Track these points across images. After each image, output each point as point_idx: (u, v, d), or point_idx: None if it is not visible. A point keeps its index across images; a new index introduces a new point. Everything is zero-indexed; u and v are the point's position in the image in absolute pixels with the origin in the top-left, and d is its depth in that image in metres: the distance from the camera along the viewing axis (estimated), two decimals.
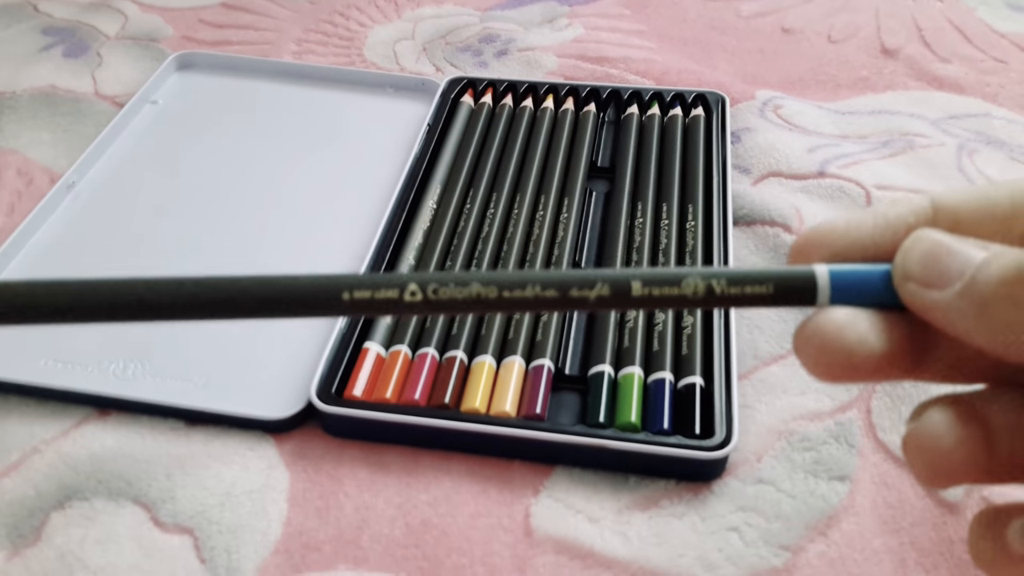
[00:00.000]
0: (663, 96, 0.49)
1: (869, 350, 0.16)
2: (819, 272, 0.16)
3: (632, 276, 0.16)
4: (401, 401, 0.34)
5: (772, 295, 0.16)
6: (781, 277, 0.16)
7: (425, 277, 0.16)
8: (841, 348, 0.16)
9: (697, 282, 0.16)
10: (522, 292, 0.16)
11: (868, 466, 0.33)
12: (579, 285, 0.16)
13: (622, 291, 0.16)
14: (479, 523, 0.31)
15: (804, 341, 0.16)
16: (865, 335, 0.16)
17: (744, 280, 0.16)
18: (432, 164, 0.45)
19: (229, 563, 0.30)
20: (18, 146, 0.48)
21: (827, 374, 0.16)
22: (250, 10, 0.60)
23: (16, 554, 0.31)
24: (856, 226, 0.17)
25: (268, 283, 0.16)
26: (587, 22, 0.59)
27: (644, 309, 0.17)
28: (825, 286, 0.16)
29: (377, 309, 0.16)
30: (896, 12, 0.60)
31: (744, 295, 0.16)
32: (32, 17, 0.59)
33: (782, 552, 0.30)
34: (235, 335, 0.37)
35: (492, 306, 0.16)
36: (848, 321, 0.16)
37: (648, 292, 0.16)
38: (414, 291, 0.16)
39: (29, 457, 0.33)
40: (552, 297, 0.16)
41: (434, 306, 0.16)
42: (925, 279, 0.15)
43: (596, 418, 0.33)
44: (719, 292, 0.16)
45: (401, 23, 0.59)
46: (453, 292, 0.16)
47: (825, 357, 0.16)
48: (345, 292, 0.16)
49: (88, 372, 0.36)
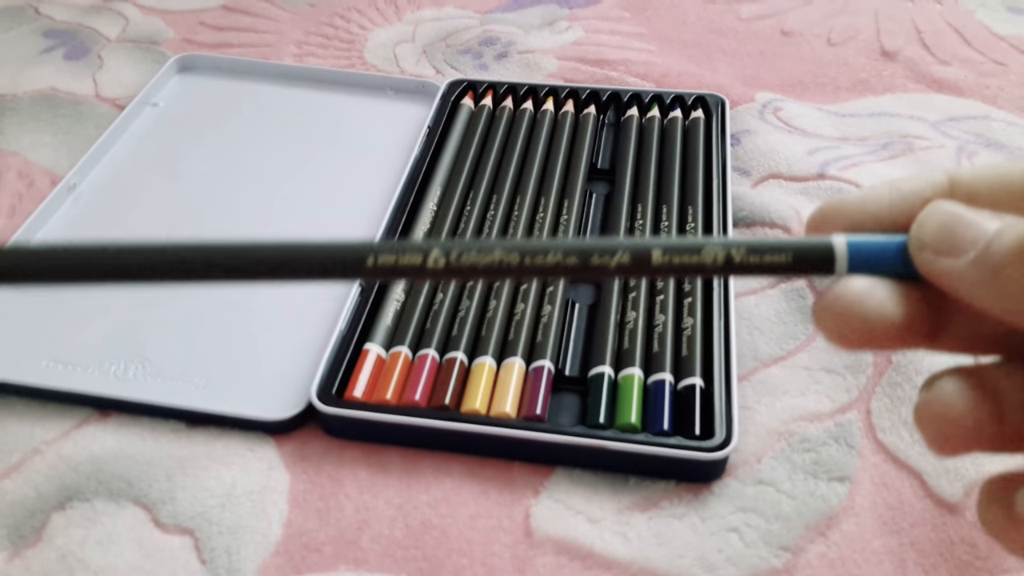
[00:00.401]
0: (663, 98, 0.49)
1: (887, 319, 0.16)
2: (837, 242, 0.17)
3: (652, 245, 0.17)
4: (401, 402, 0.34)
5: (790, 264, 0.17)
6: (800, 246, 0.17)
7: (448, 244, 0.17)
8: (860, 317, 0.16)
9: (717, 251, 0.16)
10: (544, 259, 0.16)
11: (868, 467, 0.33)
12: (600, 252, 0.17)
13: (642, 259, 0.17)
14: (479, 524, 0.31)
15: (824, 310, 0.16)
16: (883, 304, 0.16)
17: (763, 249, 0.17)
18: (432, 166, 0.45)
19: (229, 564, 0.30)
20: (19, 148, 0.49)
21: (846, 342, 0.16)
22: (251, 13, 0.61)
23: (17, 555, 0.31)
24: (872, 198, 0.17)
25: (292, 248, 0.17)
26: (587, 25, 0.59)
27: (664, 277, 0.17)
28: (843, 255, 0.17)
29: (400, 274, 0.17)
30: (895, 15, 0.60)
31: (763, 264, 0.17)
32: (33, 20, 0.59)
33: (782, 553, 0.30)
34: (235, 336, 0.37)
35: (514, 272, 0.17)
36: (867, 290, 0.16)
37: (668, 260, 0.16)
38: (437, 257, 0.16)
39: (30, 458, 0.33)
40: (573, 264, 0.16)
41: (456, 272, 0.17)
42: (940, 248, 0.16)
43: (596, 419, 0.33)
44: (738, 261, 0.16)
45: (401, 26, 0.59)
46: (476, 258, 0.16)
47: (844, 326, 0.16)
48: (370, 257, 0.16)
49: (89, 373, 0.36)
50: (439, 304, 0.38)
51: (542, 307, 0.38)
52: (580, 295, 0.39)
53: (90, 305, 0.39)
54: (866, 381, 0.36)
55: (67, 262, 0.16)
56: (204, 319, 0.38)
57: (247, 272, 0.17)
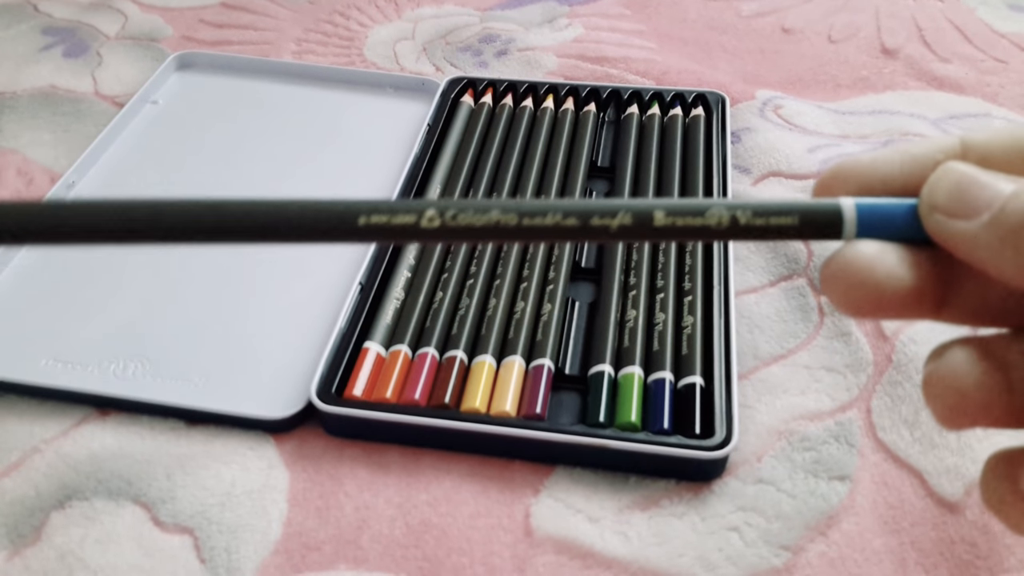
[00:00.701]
0: (663, 96, 0.49)
1: (898, 284, 0.15)
2: (845, 205, 0.16)
3: (655, 206, 0.16)
4: (401, 401, 0.34)
5: (797, 227, 0.16)
6: (807, 209, 0.16)
7: (444, 203, 0.16)
8: (870, 282, 0.15)
9: (722, 212, 0.16)
10: (543, 220, 0.16)
11: (868, 466, 0.33)
12: (601, 214, 0.16)
13: (645, 220, 0.16)
14: (479, 523, 0.31)
15: (832, 274, 0.16)
16: (894, 269, 0.15)
17: (769, 211, 0.16)
18: (432, 164, 0.45)
19: (229, 563, 0.30)
20: (18, 146, 0.48)
21: (855, 308, 0.16)
22: (250, 10, 0.60)
23: (16, 554, 0.31)
24: (883, 161, 0.17)
25: (282, 207, 0.16)
26: (587, 22, 0.59)
27: (666, 240, 0.17)
28: (851, 219, 0.16)
29: (394, 235, 0.16)
30: (896, 12, 0.60)
31: (769, 226, 0.16)
32: (32, 17, 0.59)
33: (782, 552, 0.30)
34: (235, 335, 0.37)
35: (511, 234, 0.16)
36: (877, 254, 0.16)
37: (672, 222, 0.16)
38: (432, 216, 0.16)
39: (29, 457, 0.33)
40: (572, 226, 0.16)
41: (452, 233, 0.16)
42: (953, 210, 0.15)
43: (596, 418, 0.33)
44: (744, 223, 0.16)
45: (401, 23, 0.59)
46: (472, 218, 0.16)
47: (854, 291, 0.16)
48: (362, 216, 0.16)
49: (88, 372, 0.36)
50: (439, 302, 0.37)
51: (542, 305, 0.38)
52: (580, 293, 0.39)
53: (90, 303, 0.39)
54: (866, 380, 0.36)
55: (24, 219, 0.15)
56: (204, 317, 0.38)
57: (232, 232, 0.16)
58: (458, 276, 0.39)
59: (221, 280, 0.40)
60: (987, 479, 0.16)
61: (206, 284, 0.40)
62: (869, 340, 0.37)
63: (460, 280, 0.39)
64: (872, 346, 0.37)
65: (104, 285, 0.40)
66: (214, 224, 0.16)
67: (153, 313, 0.38)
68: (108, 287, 0.39)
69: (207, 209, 0.16)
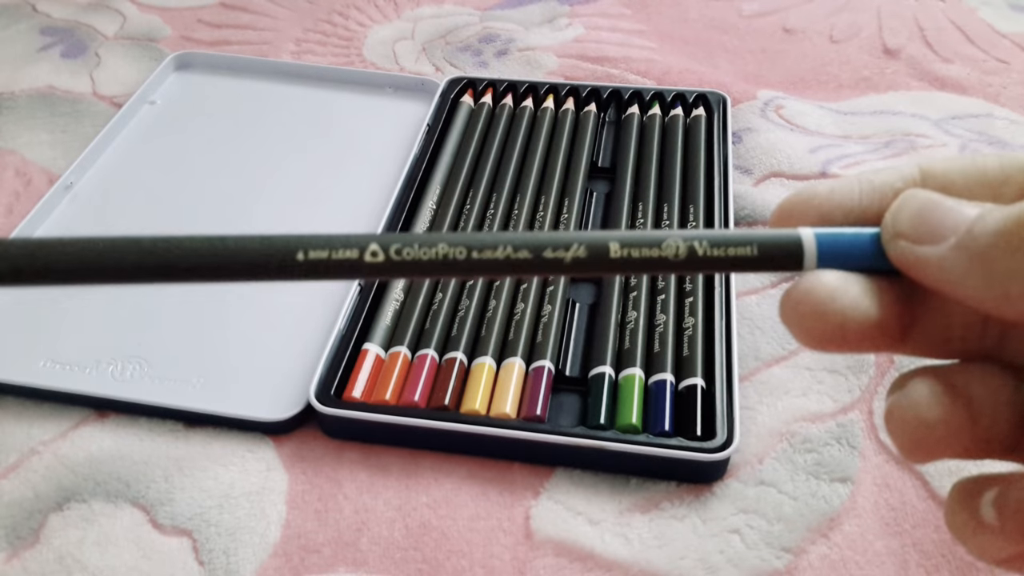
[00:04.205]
0: (664, 96, 0.49)
1: (862, 316, 0.15)
2: (804, 235, 0.16)
3: (610, 238, 0.16)
4: (400, 403, 0.34)
5: (756, 258, 0.16)
6: (765, 239, 0.16)
7: (388, 237, 0.15)
8: (832, 313, 0.15)
9: (678, 243, 0.16)
10: (492, 253, 0.15)
11: (870, 468, 0.33)
12: (554, 246, 0.15)
13: (599, 253, 0.16)
14: (479, 525, 0.31)
15: (793, 306, 0.15)
16: (857, 300, 0.15)
17: (727, 243, 0.16)
18: (432, 164, 0.45)
19: (228, 565, 0.30)
20: (16, 146, 0.48)
21: (816, 341, 0.15)
22: (249, 10, 0.60)
23: (15, 556, 0.30)
24: (841, 190, 0.17)
25: (215, 244, 0.15)
26: (587, 22, 0.59)
27: (622, 274, 0.16)
28: (811, 249, 0.16)
29: (336, 272, 0.15)
30: (898, 12, 0.60)
31: (727, 258, 0.16)
32: (30, 17, 0.59)
33: (784, 554, 0.30)
34: (234, 336, 0.37)
35: (461, 269, 0.15)
36: (839, 284, 0.15)
37: (627, 254, 0.16)
38: (375, 251, 0.15)
39: (27, 459, 0.33)
40: (525, 259, 0.15)
41: (397, 268, 0.15)
42: (918, 235, 0.15)
43: (597, 420, 0.33)
44: (701, 254, 0.16)
45: (400, 23, 0.59)
46: (418, 253, 0.15)
47: (815, 323, 0.15)
48: (299, 252, 0.15)
49: (86, 373, 0.35)
50: (438, 304, 0.37)
51: (542, 307, 0.37)
52: (581, 294, 0.39)
53: (88, 305, 0.39)
54: (868, 381, 0.35)
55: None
56: (202, 319, 0.38)
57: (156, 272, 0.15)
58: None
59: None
60: (950, 506, 0.16)
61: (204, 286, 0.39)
62: None
63: (460, 281, 0.39)
64: None
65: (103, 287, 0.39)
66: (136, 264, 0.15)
67: (151, 315, 0.38)
68: (106, 289, 0.39)
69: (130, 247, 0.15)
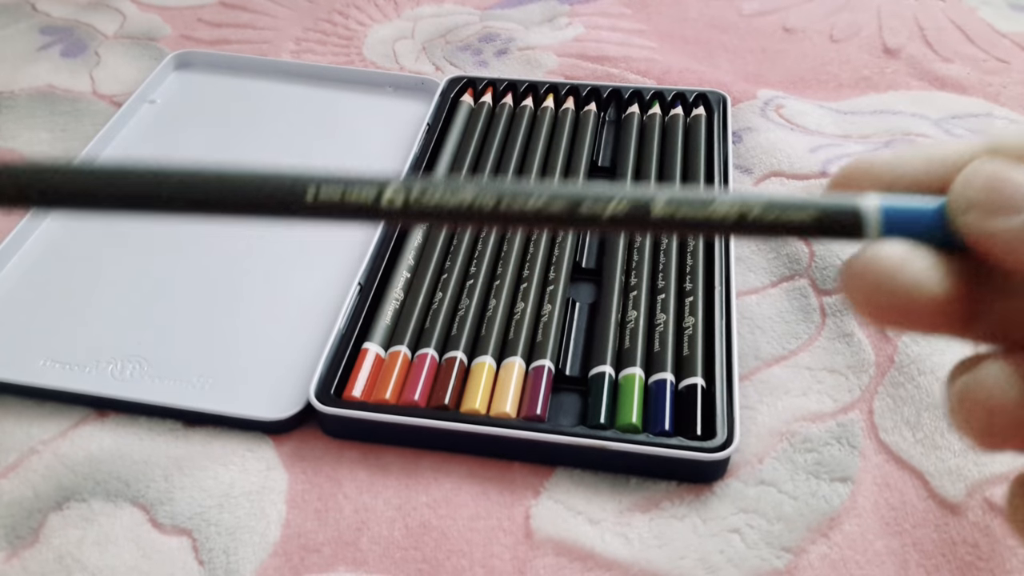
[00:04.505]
0: (664, 95, 0.49)
1: (929, 292, 0.14)
2: (867, 202, 0.15)
3: (654, 195, 0.14)
4: (400, 402, 0.34)
5: (813, 224, 0.15)
6: (825, 205, 0.15)
7: (409, 180, 0.14)
8: (898, 287, 0.14)
9: (729, 205, 0.14)
10: (524, 203, 0.14)
11: (870, 467, 0.33)
12: (593, 200, 0.14)
13: (641, 211, 0.14)
14: (479, 525, 0.31)
15: (856, 277, 0.14)
16: (924, 274, 0.14)
17: (782, 207, 0.14)
18: (432, 164, 0.45)
19: (227, 565, 0.30)
20: (16, 145, 0.48)
21: (878, 316, 0.14)
22: (249, 9, 0.60)
23: (14, 555, 0.30)
24: (904, 161, 0.16)
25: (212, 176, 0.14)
26: (587, 21, 0.59)
27: (664, 234, 0.15)
28: (875, 217, 0.14)
29: (348, 214, 0.14)
30: (898, 11, 0.60)
31: (781, 223, 0.14)
32: (30, 16, 0.59)
33: (784, 554, 0.30)
34: (234, 335, 0.37)
35: (488, 218, 0.14)
36: (906, 256, 0.14)
37: (672, 213, 0.14)
38: (395, 194, 0.14)
39: (27, 458, 0.33)
40: (559, 212, 0.14)
41: (417, 215, 0.14)
42: (989, 206, 0.14)
43: (597, 419, 0.33)
44: (753, 218, 0.14)
45: (400, 22, 0.59)
46: (442, 198, 0.14)
47: (879, 296, 0.14)
48: (311, 189, 0.14)
49: (86, 373, 0.35)
50: (438, 303, 0.37)
51: (542, 306, 0.37)
52: (581, 294, 0.39)
53: (88, 304, 0.38)
54: (868, 381, 0.35)
55: None
56: (202, 318, 0.38)
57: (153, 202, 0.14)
58: (458, 276, 0.39)
59: (220, 280, 0.40)
60: (1014, 503, 0.15)
61: (205, 284, 0.40)
62: (871, 341, 0.37)
63: (460, 280, 0.39)
64: (874, 347, 0.36)
65: (102, 285, 0.39)
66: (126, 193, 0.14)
67: (151, 314, 0.38)
68: (106, 287, 0.39)
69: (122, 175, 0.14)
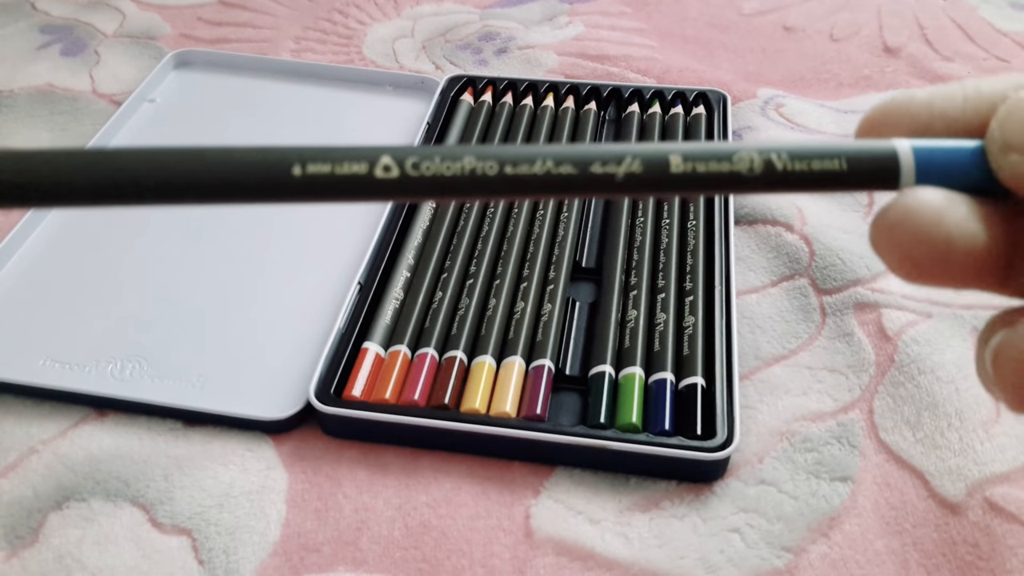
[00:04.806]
0: (664, 94, 0.49)
1: (969, 241, 0.13)
2: (901, 147, 0.14)
3: (670, 150, 0.13)
4: (400, 402, 0.34)
5: (845, 173, 0.14)
6: (856, 152, 0.14)
7: (403, 150, 0.13)
8: (938, 236, 0.13)
9: (753, 156, 0.13)
10: (530, 168, 0.13)
11: (870, 467, 0.33)
12: (603, 160, 0.13)
13: (657, 168, 0.13)
14: (479, 524, 0.31)
15: (890, 227, 0.13)
16: (965, 222, 0.13)
17: (810, 155, 0.14)
18: None
19: (227, 564, 0.30)
20: (15, 144, 0.48)
21: (916, 270, 0.13)
22: (248, 8, 0.60)
23: (14, 555, 0.30)
24: (943, 97, 0.15)
25: (189, 157, 0.13)
26: (587, 20, 0.59)
27: (684, 194, 0.14)
28: (909, 164, 0.14)
29: (340, 190, 0.13)
30: (898, 10, 0.60)
31: (810, 172, 0.13)
32: (30, 15, 0.59)
33: (784, 553, 0.30)
34: (233, 335, 0.37)
35: (492, 188, 0.13)
36: (945, 204, 0.13)
37: (691, 169, 0.13)
38: (388, 165, 0.13)
39: (27, 458, 0.33)
40: (568, 175, 0.13)
41: (416, 187, 0.13)
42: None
43: (597, 419, 0.33)
44: (780, 168, 0.13)
45: (400, 21, 0.59)
46: (440, 167, 0.13)
47: (917, 247, 0.13)
48: (296, 166, 0.13)
49: (86, 372, 0.35)
50: (438, 302, 0.37)
51: (542, 305, 0.37)
52: (581, 293, 0.39)
53: (87, 303, 0.38)
54: (868, 380, 0.35)
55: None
56: (202, 318, 0.38)
57: (126, 191, 0.13)
58: (458, 276, 0.39)
59: (220, 280, 0.40)
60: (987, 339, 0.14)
61: (204, 284, 0.40)
62: (871, 340, 0.37)
63: (460, 280, 0.39)
64: (874, 346, 0.36)
65: (102, 285, 0.39)
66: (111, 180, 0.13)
67: (151, 313, 0.38)
68: (106, 287, 0.39)
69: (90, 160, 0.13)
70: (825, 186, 0.14)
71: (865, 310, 0.38)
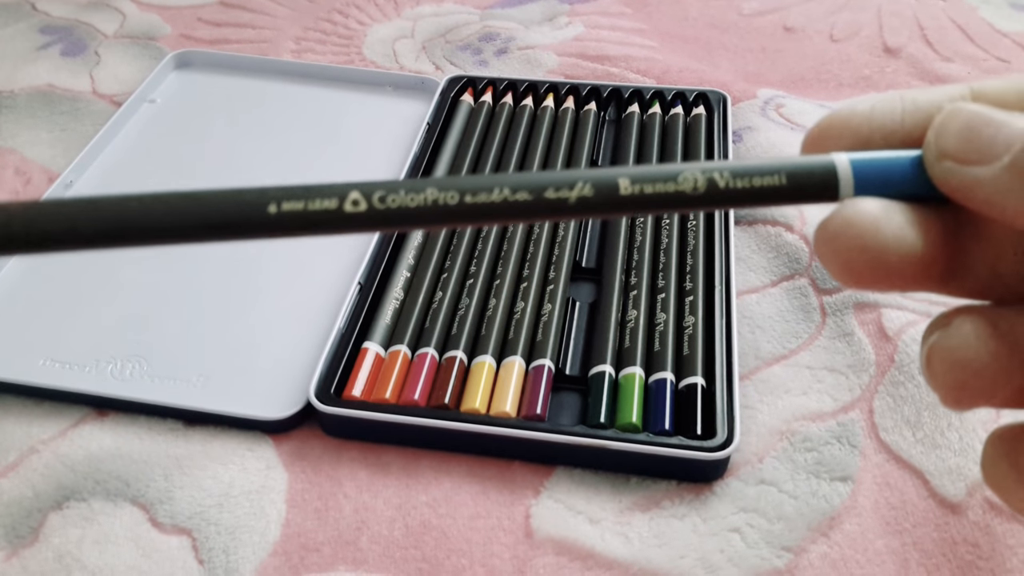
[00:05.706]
0: (664, 95, 0.49)
1: (907, 248, 0.13)
2: (839, 161, 0.14)
3: (619, 174, 0.14)
4: (400, 401, 0.34)
5: (785, 188, 0.14)
6: (795, 167, 0.14)
7: (370, 184, 0.14)
8: (875, 245, 0.13)
9: (696, 175, 0.14)
10: (488, 196, 0.14)
11: (870, 467, 0.33)
12: (556, 186, 0.14)
13: (607, 191, 0.14)
14: (479, 524, 0.31)
15: (831, 237, 0.14)
16: (901, 230, 0.13)
17: (751, 172, 0.14)
18: (432, 163, 0.45)
19: (227, 564, 0.30)
20: (16, 145, 0.48)
21: (856, 277, 0.14)
22: (249, 8, 0.60)
23: (14, 555, 0.30)
24: (882, 110, 0.15)
25: (175, 201, 0.14)
26: (587, 20, 0.59)
27: (634, 214, 0.15)
28: (847, 176, 0.14)
29: (314, 225, 0.14)
30: (898, 11, 0.60)
31: (752, 189, 0.14)
32: (30, 16, 0.59)
33: (784, 553, 0.30)
34: (234, 335, 0.37)
35: (454, 216, 0.14)
36: (881, 213, 0.14)
37: (639, 191, 0.14)
38: (356, 200, 0.14)
39: (27, 457, 0.33)
40: (524, 201, 0.14)
41: (383, 219, 0.14)
42: (966, 154, 0.13)
43: (597, 418, 0.33)
44: (723, 186, 0.14)
45: (400, 21, 0.59)
46: (404, 200, 0.14)
47: (856, 256, 0.14)
48: (272, 204, 0.14)
49: (86, 372, 0.35)
50: (439, 302, 0.37)
51: (542, 305, 0.37)
52: (581, 293, 0.39)
53: (88, 304, 0.38)
54: (868, 380, 0.35)
55: None
56: (202, 318, 0.38)
57: (111, 236, 0.13)
58: (458, 276, 0.39)
59: (220, 280, 0.40)
60: (989, 458, 0.15)
61: (204, 284, 0.40)
62: (871, 340, 0.37)
63: (460, 280, 0.39)
64: (874, 346, 0.36)
65: (102, 285, 0.39)
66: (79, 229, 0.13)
67: (151, 313, 0.38)
68: (106, 287, 0.39)
69: (83, 209, 0.13)
70: (768, 201, 0.14)
71: (865, 310, 0.38)
